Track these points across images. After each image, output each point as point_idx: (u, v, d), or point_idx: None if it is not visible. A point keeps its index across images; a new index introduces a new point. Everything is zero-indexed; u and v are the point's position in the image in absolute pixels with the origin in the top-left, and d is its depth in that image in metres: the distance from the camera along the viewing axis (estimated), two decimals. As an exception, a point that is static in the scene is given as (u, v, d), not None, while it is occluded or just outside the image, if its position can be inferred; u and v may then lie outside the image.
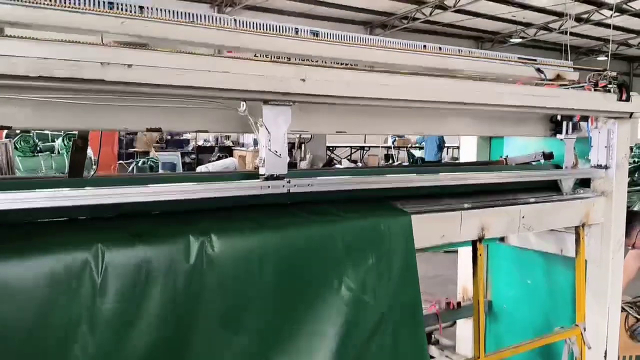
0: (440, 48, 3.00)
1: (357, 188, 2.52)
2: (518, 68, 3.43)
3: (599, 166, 3.41)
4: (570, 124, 3.29)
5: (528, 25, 22.99)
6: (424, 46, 2.94)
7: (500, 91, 2.79)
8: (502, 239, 4.03)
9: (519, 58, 3.41)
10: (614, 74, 3.31)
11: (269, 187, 2.16)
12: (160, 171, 14.91)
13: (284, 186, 2.20)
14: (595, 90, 3.32)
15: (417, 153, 20.81)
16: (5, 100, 1.74)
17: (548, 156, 3.54)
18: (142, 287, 1.74)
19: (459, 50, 3.11)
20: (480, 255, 2.93)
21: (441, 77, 2.75)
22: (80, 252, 1.65)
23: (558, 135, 3.33)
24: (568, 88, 3.42)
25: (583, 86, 3.40)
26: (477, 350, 2.97)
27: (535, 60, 3.50)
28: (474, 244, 2.91)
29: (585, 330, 3.39)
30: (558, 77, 3.61)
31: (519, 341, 3.35)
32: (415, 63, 2.92)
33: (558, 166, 3.44)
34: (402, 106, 2.49)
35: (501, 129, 3.24)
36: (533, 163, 3.63)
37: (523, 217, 3.01)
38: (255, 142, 18.97)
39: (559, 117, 3.29)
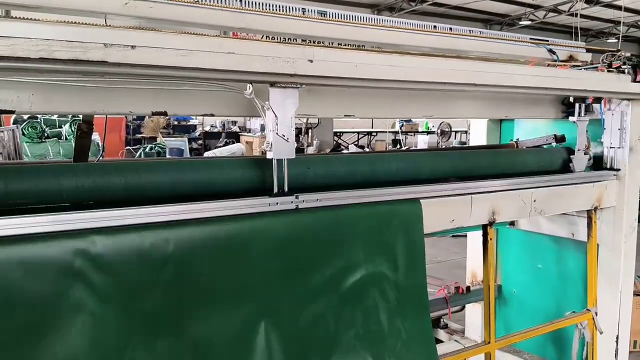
0: (450, 29, 2.94)
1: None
2: (530, 49, 3.36)
3: (612, 149, 3.35)
4: (583, 105, 3.23)
5: (537, 7, 22.60)
6: (434, 27, 2.88)
7: (512, 72, 2.73)
8: (512, 223, 3.98)
9: (530, 39, 3.34)
10: (629, 54, 3.23)
11: (277, 172, 2.12)
12: (168, 157, 14.89)
13: (291, 171, 2.16)
14: (608, 71, 3.25)
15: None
16: (8, 83, 1.70)
17: (560, 139, 3.48)
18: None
19: (469, 30, 3.04)
20: (490, 239, 2.89)
21: (452, 58, 2.69)
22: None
23: (570, 118, 3.27)
24: (581, 69, 3.35)
25: (596, 67, 3.33)
26: (488, 335, 2.95)
27: (547, 41, 3.43)
28: (484, 228, 2.87)
29: (597, 314, 3.35)
30: (570, 59, 3.54)
31: (529, 326, 3.32)
32: (426, 44, 2.87)
33: (570, 149, 3.38)
34: (412, 88, 2.44)
35: (512, 111, 3.18)
36: (544, 146, 3.57)
37: (534, 201, 2.96)
38: (262, 128, 18.94)
39: (571, 99, 3.23)
